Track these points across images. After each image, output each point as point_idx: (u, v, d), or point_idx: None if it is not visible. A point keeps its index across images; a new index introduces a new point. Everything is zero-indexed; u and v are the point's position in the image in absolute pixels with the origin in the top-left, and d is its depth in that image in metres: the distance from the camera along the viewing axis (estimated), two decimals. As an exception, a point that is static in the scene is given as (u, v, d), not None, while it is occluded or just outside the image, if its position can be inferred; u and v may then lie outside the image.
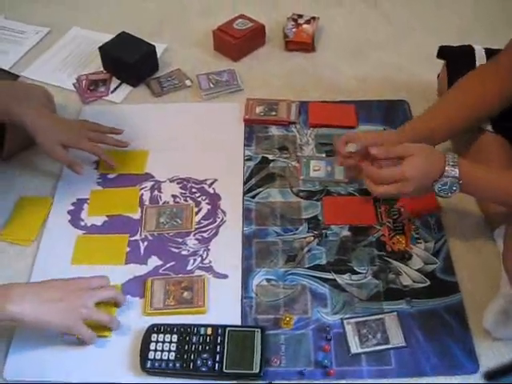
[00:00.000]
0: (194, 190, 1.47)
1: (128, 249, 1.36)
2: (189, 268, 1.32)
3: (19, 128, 1.40)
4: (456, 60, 1.48)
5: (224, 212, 1.42)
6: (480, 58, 1.47)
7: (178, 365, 1.14)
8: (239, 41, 1.82)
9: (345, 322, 1.22)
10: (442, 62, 1.56)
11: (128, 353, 1.18)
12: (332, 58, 1.85)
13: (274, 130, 1.61)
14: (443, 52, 1.53)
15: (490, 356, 1.17)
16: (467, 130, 1.41)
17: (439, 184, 1.18)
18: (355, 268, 1.31)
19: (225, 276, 1.30)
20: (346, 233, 1.37)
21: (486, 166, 1.28)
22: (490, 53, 1.46)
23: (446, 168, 1.17)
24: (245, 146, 1.57)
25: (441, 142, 1.39)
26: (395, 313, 1.23)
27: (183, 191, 1.47)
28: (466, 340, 1.19)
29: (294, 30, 1.87)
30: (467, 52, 1.49)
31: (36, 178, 1.51)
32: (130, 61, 1.72)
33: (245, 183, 1.48)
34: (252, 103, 1.67)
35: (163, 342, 1.17)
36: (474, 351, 1.18)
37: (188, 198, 1.45)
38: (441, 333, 1.20)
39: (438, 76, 1.59)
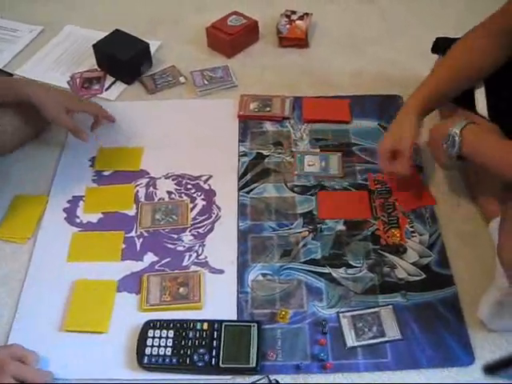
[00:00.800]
0: (189, 187, 1.47)
1: (124, 245, 1.36)
2: (184, 264, 1.32)
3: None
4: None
5: (219, 208, 1.43)
6: None
7: (174, 360, 1.15)
8: (233, 37, 1.83)
9: (340, 315, 1.22)
10: (436, 57, 1.56)
11: (125, 349, 1.18)
12: (326, 53, 1.85)
13: (269, 126, 1.61)
14: (438, 44, 1.53)
15: (486, 348, 1.18)
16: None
17: (445, 141, 1.25)
18: (350, 262, 1.31)
19: (220, 271, 1.31)
20: (340, 227, 1.38)
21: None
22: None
23: (451, 128, 1.24)
24: (239, 141, 1.57)
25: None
26: (391, 306, 1.23)
27: (178, 187, 1.47)
28: (461, 332, 1.20)
29: (287, 26, 1.87)
30: None
31: (31, 176, 1.50)
32: (123, 58, 1.72)
33: (240, 179, 1.48)
34: (246, 99, 1.67)
35: (160, 337, 1.17)
36: (469, 343, 1.18)
37: (183, 195, 1.46)
38: (436, 325, 1.21)
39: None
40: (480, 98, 1.42)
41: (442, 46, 1.52)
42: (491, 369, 1.14)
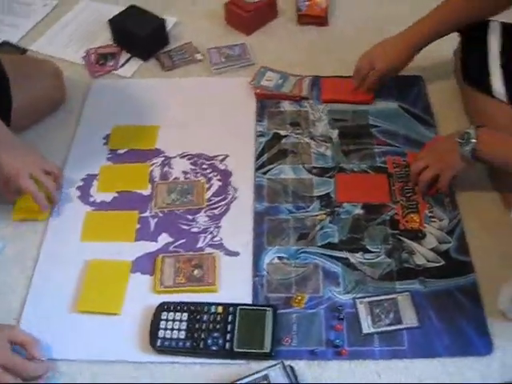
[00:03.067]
0: (204, 166, 1.45)
1: (138, 225, 1.34)
2: (199, 245, 1.30)
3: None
4: (470, 32, 1.46)
5: (235, 188, 1.40)
6: (493, 30, 1.44)
7: (188, 343, 1.13)
8: (251, 14, 1.79)
9: (357, 301, 1.20)
10: (458, 38, 1.53)
11: (138, 331, 1.17)
12: (345, 31, 1.81)
13: (286, 106, 1.58)
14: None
15: (504, 337, 1.15)
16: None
17: (459, 137, 1.26)
18: (368, 247, 1.29)
19: (236, 253, 1.29)
20: (358, 211, 1.35)
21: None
22: (506, 27, 1.43)
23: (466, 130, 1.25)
24: (256, 121, 1.55)
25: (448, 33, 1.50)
26: (408, 292, 1.21)
27: (194, 167, 1.45)
28: (479, 321, 1.17)
29: (306, 3, 1.83)
30: (482, 25, 1.46)
31: (45, 154, 1.45)
32: (140, 34, 1.70)
33: (256, 159, 1.46)
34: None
35: (173, 320, 1.16)
36: (487, 332, 1.16)
37: (199, 175, 1.43)
38: (454, 313, 1.19)
39: (454, 52, 1.57)
40: (497, 81, 1.39)
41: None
42: None
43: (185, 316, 1.16)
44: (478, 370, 1.12)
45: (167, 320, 1.16)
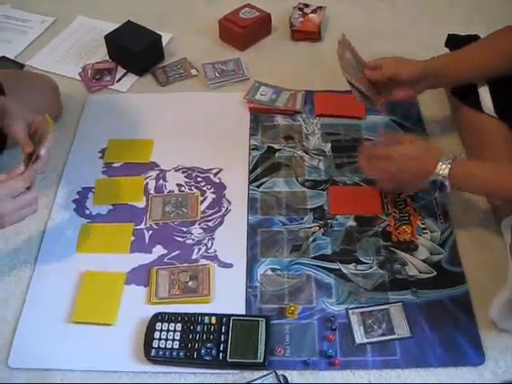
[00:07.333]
0: (199, 179, 1.46)
1: (133, 238, 1.35)
2: (194, 257, 1.31)
3: None
4: (458, 46, 1.47)
5: (229, 201, 1.42)
6: None
7: (182, 353, 1.14)
8: (245, 30, 1.81)
9: (350, 312, 1.21)
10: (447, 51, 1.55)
11: (132, 341, 1.18)
12: (338, 47, 1.84)
13: (280, 120, 1.60)
14: (450, 41, 1.52)
15: (496, 347, 1.17)
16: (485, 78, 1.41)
17: (428, 182, 1.22)
18: (361, 258, 1.30)
19: (230, 265, 1.30)
20: (351, 223, 1.37)
21: (483, 160, 1.31)
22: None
23: (437, 166, 1.20)
24: (250, 135, 1.57)
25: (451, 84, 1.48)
26: (400, 303, 1.22)
27: (188, 180, 1.46)
28: (471, 331, 1.18)
29: (300, 19, 1.86)
30: (470, 40, 1.47)
31: None
32: (135, 50, 1.72)
33: (250, 173, 1.47)
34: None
35: (167, 330, 1.17)
36: (479, 343, 1.17)
37: (193, 187, 1.45)
38: (446, 324, 1.20)
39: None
40: (485, 96, 1.41)
41: (452, 42, 1.52)
42: None
43: (179, 326, 1.17)
44: (469, 380, 1.12)
45: (161, 330, 1.17)
